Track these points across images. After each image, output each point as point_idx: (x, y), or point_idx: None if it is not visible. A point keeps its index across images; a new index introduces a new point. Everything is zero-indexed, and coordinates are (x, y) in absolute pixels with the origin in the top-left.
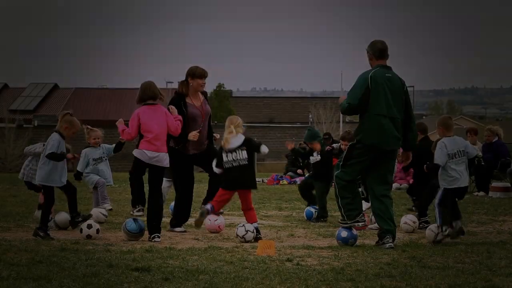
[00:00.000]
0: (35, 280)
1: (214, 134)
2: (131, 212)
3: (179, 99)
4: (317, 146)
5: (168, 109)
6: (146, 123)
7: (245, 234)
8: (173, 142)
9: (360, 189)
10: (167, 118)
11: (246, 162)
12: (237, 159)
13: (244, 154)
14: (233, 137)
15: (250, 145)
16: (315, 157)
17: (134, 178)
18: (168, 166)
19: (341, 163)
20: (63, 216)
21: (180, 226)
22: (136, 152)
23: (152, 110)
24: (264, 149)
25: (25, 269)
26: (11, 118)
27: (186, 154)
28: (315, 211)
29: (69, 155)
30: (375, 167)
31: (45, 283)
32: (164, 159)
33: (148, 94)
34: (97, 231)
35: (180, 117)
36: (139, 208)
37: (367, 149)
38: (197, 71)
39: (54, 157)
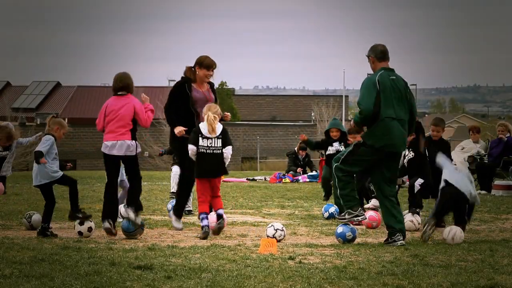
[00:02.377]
0: (38, 278)
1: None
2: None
3: (184, 82)
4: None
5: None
6: (109, 114)
7: (275, 233)
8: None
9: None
10: (136, 109)
11: (220, 151)
12: (212, 146)
13: (219, 142)
14: (218, 125)
15: (225, 137)
16: (336, 147)
17: (108, 185)
18: (133, 154)
19: (342, 157)
20: (38, 217)
21: (179, 218)
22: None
23: (120, 100)
24: (229, 150)
25: (28, 267)
26: (13, 116)
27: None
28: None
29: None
30: (383, 168)
31: (48, 281)
32: (124, 147)
33: (119, 85)
34: (89, 229)
35: (151, 107)
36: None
37: (374, 151)
38: (205, 62)
39: (39, 155)
